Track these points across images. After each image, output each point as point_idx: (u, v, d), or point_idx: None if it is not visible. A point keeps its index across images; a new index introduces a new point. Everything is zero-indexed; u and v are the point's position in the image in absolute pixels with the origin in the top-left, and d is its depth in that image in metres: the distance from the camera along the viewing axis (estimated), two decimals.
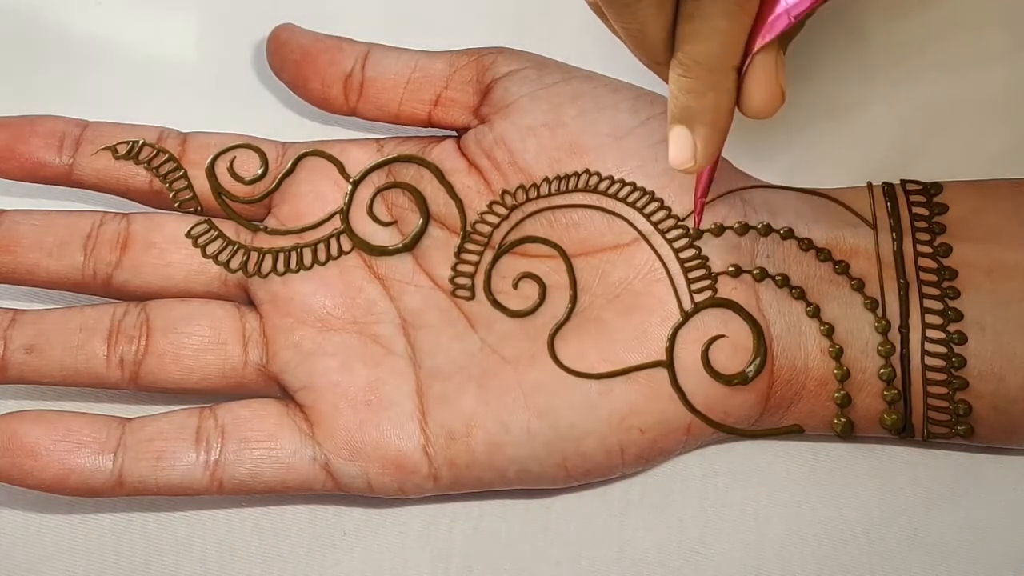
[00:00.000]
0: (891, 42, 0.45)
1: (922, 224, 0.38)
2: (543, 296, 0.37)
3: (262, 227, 0.39)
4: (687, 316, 0.36)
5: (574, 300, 0.37)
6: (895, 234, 0.37)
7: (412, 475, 0.36)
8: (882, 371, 0.36)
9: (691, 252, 0.37)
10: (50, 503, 0.37)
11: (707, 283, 0.37)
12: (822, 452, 0.38)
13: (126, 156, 0.39)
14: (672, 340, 0.36)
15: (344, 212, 0.39)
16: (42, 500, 0.37)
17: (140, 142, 0.39)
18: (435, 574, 0.37)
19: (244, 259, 0.38)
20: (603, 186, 0.37)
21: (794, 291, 0.37)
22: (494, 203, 0.38)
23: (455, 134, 0.40)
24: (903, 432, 0.37)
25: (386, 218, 0.39)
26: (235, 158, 0.39)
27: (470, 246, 0.38)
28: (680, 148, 0.33)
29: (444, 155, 0.39)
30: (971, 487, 0.38)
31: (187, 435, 0.36)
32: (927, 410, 0.36)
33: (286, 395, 0.37)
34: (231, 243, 0.38)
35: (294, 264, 0.38)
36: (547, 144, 0.38)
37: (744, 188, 0.38)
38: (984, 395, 0.36)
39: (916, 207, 0.38)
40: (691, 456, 0.38)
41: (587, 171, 0.37)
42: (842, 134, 0.43)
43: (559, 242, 0.38)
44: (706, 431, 0.37)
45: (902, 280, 0.37)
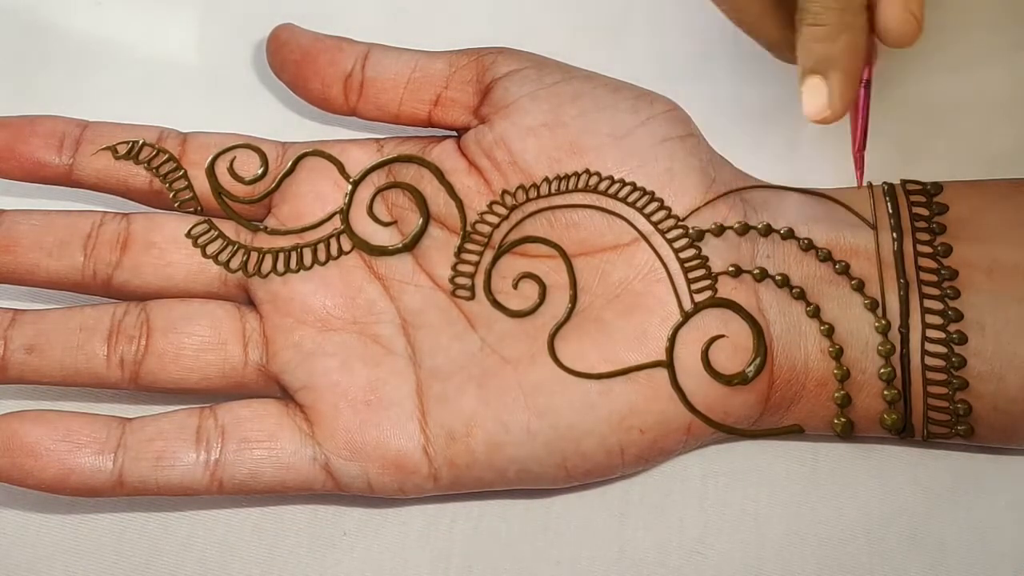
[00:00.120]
0: None
1: (922, 224, 0.38)
2: (543, 296, 0.37)
3: (262, 227, 0.39)
4: (687, 316, 0.36)
5: (574, 300, 0.37)
6: (895, 234, 0.37)
7: (412, 475, 0.36)
8: (882, 371, 0.36)
9: (691, 252, 0.37)
10: (50, 503, 0.37)
11: (707, 283, 0.37)
12: (822, 452, 0.38)
13: (126, 156, 0.39)
14: (672, 340, 0.36)
15: (344, 212, 0.38)
16: (42, 500, 0.37)
17: (140, 142, 0.39)
18: (435, 574, 0.37)
19: (244, 259, 0.38)
20: (603, 186, 0.37)
21: (794, 291, 0.37)
22: (494, 203, 0.38)
23: (455, 134, 0.39)
24: (903, 432, 0.37)
25: (386, 218, 0.39)
26: (235, 158, 0.39)
27: (470, 246, 0.38)
28: (815, 98, 0.34)
29: (444, 155, 0.39)
30: (971, 487, 0.38)
31: (187, 435, 0.36)
32: (927, 410, 0.36)
33: (286, 395, 0.37)
34: (231, 243, 0.38)
35: (294, 264, 0.38)
36: (547, 144, 0.38)
37: (744, 188, 0.38)
38: (984, 395, 0.36)
39: (916, 207, 0.38)
40: (691, 456, 0.38)
41: (587, 171, 0.37)
42: (843, 134, 0.43)
43: (559, 242, 0.38)
44: (706, 431, 0.37)
45: (902, 280, 0.37)
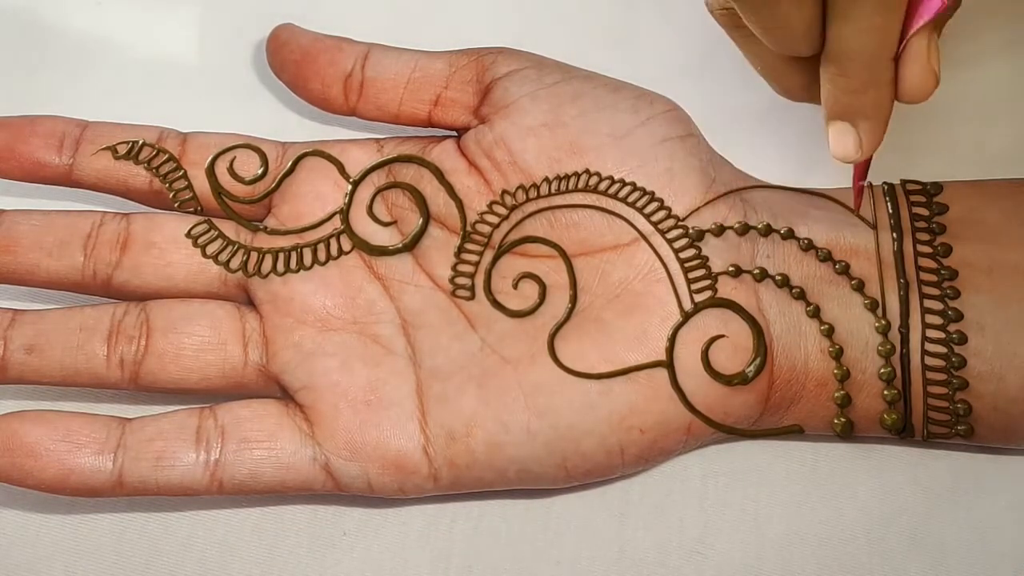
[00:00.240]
0: None
1: (922, 224, 0.38)
2: (543, 296, 0.37)
3: (262, 227, 0.39)
4: (687, 316, 0.36)
5: (574, 300, 0.37)
6: (895, 234, 0.37)
7: (412, 475, 0.36)
8: (882, 371, 0.36)
9: (691, 252, 0.37)
10: (50, 503, 0.37)
11: (707, 283, 0.37)
12: (822, 452, 0.38)
13: (126, 156, 0.39)
14: (672, 340, 0.36)
15: (344, 212, 0.38)
16: (42, 500, 0.37)
17: (140, 142, 0.39)
18: (435, 574, 0.37)
19: (244, 259, 0.38)
20: (603, 186, 0.37)
21: (794, 291, 0.37)
22: (494, 203, 0.38)
23: (455, 134, 0.39)
24: (903, 432, 0.37)
25: (386, 218, 0.39)
26: (235, 158, 0.39)
27: (470, 246, 0.38)
28: (843, 142, 0.33)
29: (444, 155, 0.39)
30: (971, 487, 0.38)
31: (187, 435, 0.36)
32: (927, 410, 0.36)
33: (286, 395, 0.37)
34: (231, 243, 0.38)
35: (294, 264, 0.38)
36: (547, 144, 0.38)
37: (744, 188, 0.38)
38: (984, 395, 0.36)
39: (916, 207, 0.38)
40: (691, 456, 0.38)
41: (587, 171, 0.37)
42: None
43: (559, 242, 0.38)
44: (706, 431, 0.37)
45: (902, 280, 0.37)
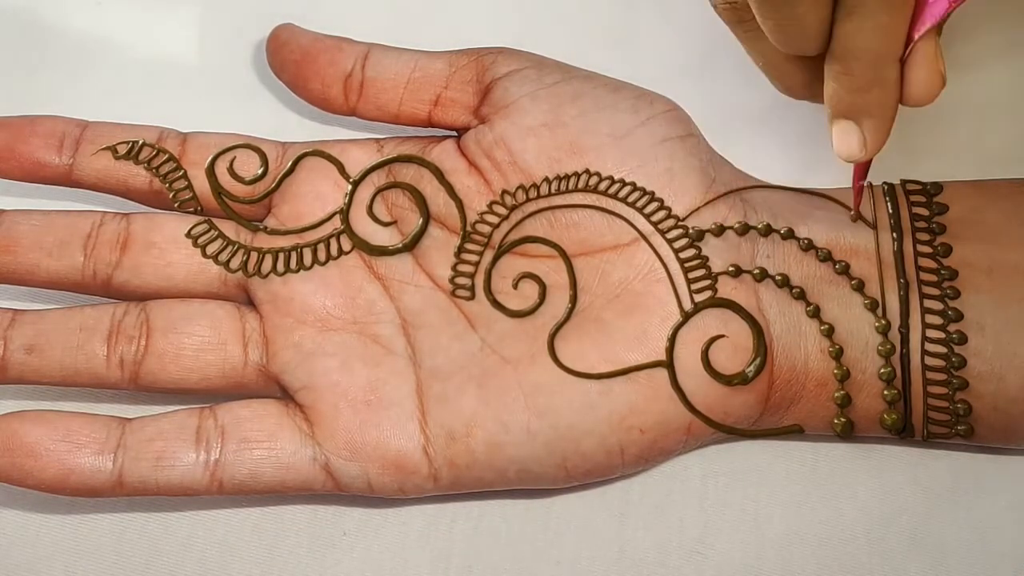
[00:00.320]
0: None
1: (922, 224, 0.38)
2: (543, 296, 0.37)
3: (262, 227, 0.39)
4: (687, 316, 0.36)
5: (574, 300, 0.37)
6: (895, 234, 0.37)
7: (412, 475, 0.36)
8: (882, 371, 0.36)
9: (691, 252, 0.37)
10: (50, 503, 0.37)
11: (707, 283, 0.37)
12: (822, 452, 0.38)
13: (126, 156, 0.39)
14: (672, 340, 0.36)
15: (344, 212, 0.38)
16: (42, 500, 0.37)
17: (140, 142, 0.39)
18: (435, 574, 0.37)
19: (244, 259, 0.38)
20: (603, 186, 0.37)
21: (794, 291, 0.37)
22: (494, 203, 0.38)
23: (455, 134, 0.39)
24: (903, 432, 0.37)
25: (386, 218, 0.39)
26: (235, 158, 0.39)
27: (470, 246, 0.38)
28: (847, 141, 0.33)
29: (444, 155, 0.39)
30: (971, 487, 0.38)
31: (187, 435, 0.36)
32: (927, 410, 0.36)
33: (286, 395, 0.37)
34: (231, 243, 0.38)
35: (294, 264, 0.38)
36: (547, 144, 0.38)
37: (744, 188, 0.38)
38: (984, 395, 0.36)
39: (916, 207, 0.38)
40: (691, 456, 0.38)
41: (587, 171, 0.37)
42: None
43: (559, 242, 0.38)
44: (706, 431, 0.37)
45: (902, 280, 0.37)
